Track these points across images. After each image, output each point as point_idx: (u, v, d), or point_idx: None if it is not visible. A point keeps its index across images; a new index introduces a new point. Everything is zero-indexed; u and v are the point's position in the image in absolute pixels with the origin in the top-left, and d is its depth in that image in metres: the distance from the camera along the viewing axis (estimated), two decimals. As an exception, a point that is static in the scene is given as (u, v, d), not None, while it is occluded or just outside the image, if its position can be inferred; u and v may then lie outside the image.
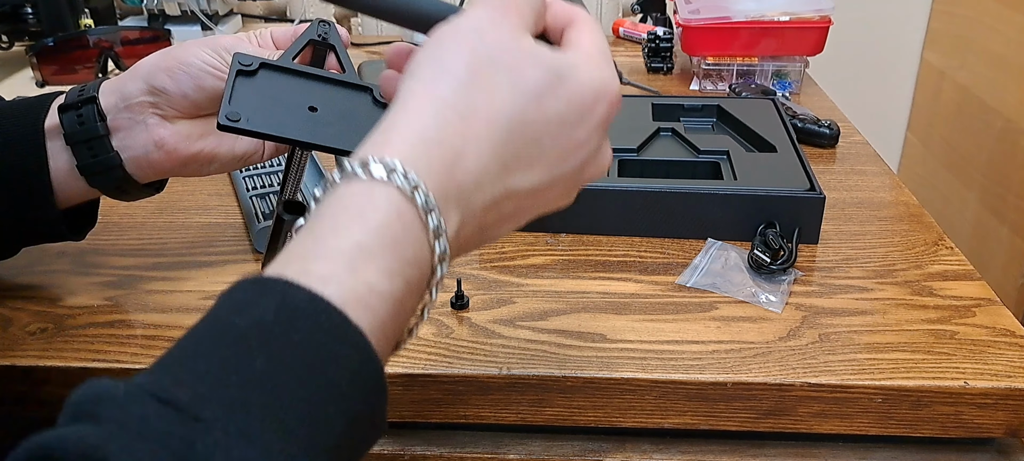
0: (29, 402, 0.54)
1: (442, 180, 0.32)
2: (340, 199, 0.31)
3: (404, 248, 0.31)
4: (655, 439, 0.55)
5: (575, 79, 0.36)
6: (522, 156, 0.35)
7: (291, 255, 0.30)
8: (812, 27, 1.01)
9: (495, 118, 0.34)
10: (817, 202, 0.66)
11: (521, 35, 0.35)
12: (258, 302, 0.28)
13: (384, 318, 0.30)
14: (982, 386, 0.51)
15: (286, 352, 0.27)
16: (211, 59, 0.53)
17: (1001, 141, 1.47)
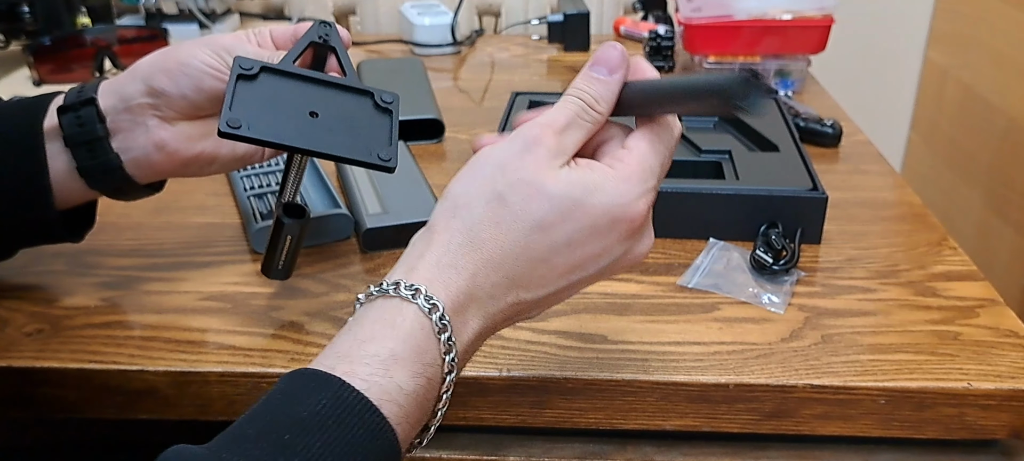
0: (25, 403, 0.53)
1: (457, 297, 0.39)
2: (379, 310, 0.39)
3: (424, 354, 0.38)
4: (657, 441, 0.54)
5: (589, 205, 0.40)
6: (530, 275, 0.40)
7: (339, 354, 0.37)
8: (814, 26, 1.01)
9: (502, 247, 0.39)
10: (820, 202, 0.66)
11: (543, 168, 0.40)
12: (317, 394, 0.35)
13: (409, 410, 0.37)
14: (986, 387, 0.50)
15: (338, 440, 0.34)
16: (211, 60, 0.52)
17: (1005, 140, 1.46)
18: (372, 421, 0.35)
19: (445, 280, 0.39)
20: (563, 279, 0.41)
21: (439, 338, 0.38)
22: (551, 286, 0.41)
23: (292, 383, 0.36)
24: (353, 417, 0.34)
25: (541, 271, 0.40)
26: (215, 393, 0.52)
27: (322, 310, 0.57)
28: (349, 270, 0.62)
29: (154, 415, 0.53)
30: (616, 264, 0.42)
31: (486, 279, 0.40)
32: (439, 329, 0.38)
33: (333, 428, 0.34)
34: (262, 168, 0.75)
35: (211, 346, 0.53)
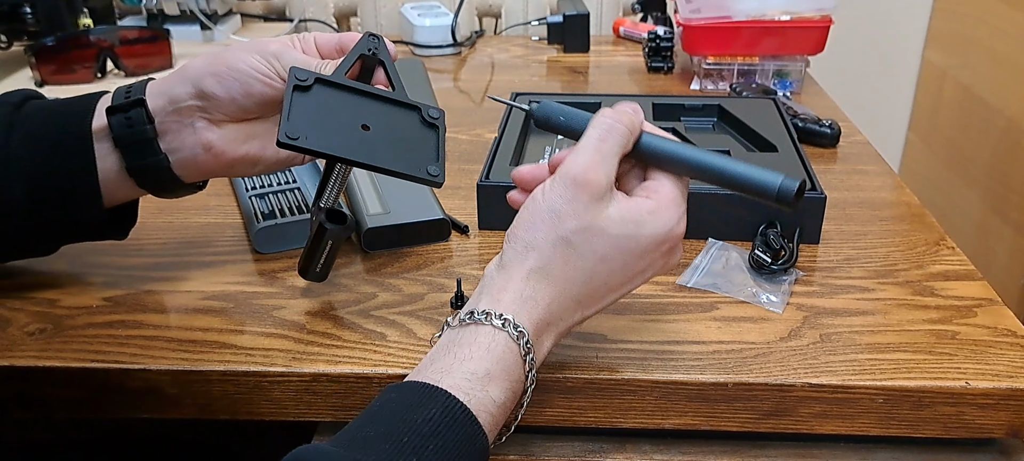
0: (28, 403, 0.53)
1: (537, 324, 0.46)
2: (474, 334, 0.45)
3: (512, 371, 0.45)
4: (656, 440, 0.55)
5: (639, 235, 0.47)
6: (593, 295, 0.48)
7: (442, 370, 0.44)
8: (813, 26, 1.01)
9: (571, 280, 0.46)
10: (818, 202, 0.66)
11: (595, 211, 0.46)
12: (428, 404, 0.42)
13: (498, 419, 0.45)
14: (984, 386, 0.50)
15: (447, 445, 0.41)
16: (260, 65, 0.53)
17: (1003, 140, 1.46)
18: (473, 430, 0.42)
19: (528, 311, 0.46)
20: (616, 292, 0.48)
21: (525, 359, 0.45)
22: (606, 300, 0.49)
23: (405, 393, 0.43)
24: (459, 426, 0.41)
25: (602, 292, 0.48)
26: (217, 392, 0.52)
27: (323, 310, 0.58)
28: (350, 270, 0.63)
29: (156, 414, 0.54)
30: (656, 272, 0.49)
31: (559, 306, 0.47)
32: (525, 352, 0.45)
33: (443, 434, 0.41)
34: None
35: (213, 345, 0.54)
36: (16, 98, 0.55)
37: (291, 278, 0.61)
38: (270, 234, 0.65)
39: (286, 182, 0.73)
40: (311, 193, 0.71)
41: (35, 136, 0.53)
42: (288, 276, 0.62)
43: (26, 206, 0.53)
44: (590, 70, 1.17)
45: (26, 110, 0.55)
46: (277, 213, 0.67)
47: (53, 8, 1.06)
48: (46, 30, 1.05)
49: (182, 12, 1.21)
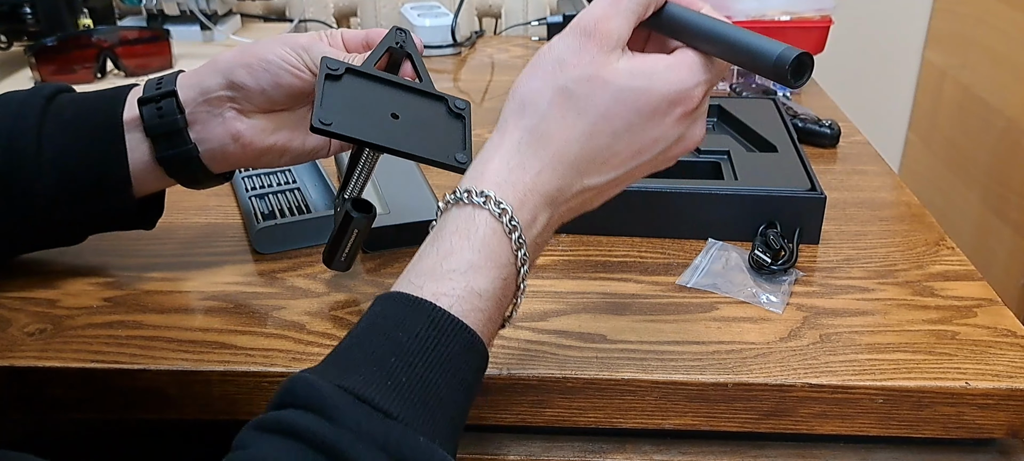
0: (28, 403, 0.53)
1: (525, 196, 0.42)
2: (455, 220, 0.42)
3: (499, 256, 0.41)
4: (656, 440, 0.55)
5: (647, 91, 0.42)
6: (594, 159, 0.43)
7: (423, 272, 0.41)
8: (813, 27, 1.01)
9: (568, 138, 0.42)
10: (818, 202, 0.66)
11: (602, 60, 0.42)
12: (414, 319, 0.39)
13: (491, 313, 0.41)
14: (983, 387, 0.50)
15: (437, 360, 0.38)
16: (290, 57, 0.54)
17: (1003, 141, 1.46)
18: (465, 337, 0.39)
19: (513, 181, 0.42)
20: (624, 165, 0.44)
21: (510, 238, 0.41)
22: (613, 172, 0.44)
23: (388, 308, 0.40)
24: (448, 337, 0.39)
25: (605, 157, 0.43)
26: (217, 393, 0.52)
27: (323, 310, 0.58)
28: (350, 269, 0.63)
29: (156, 415, 0.54)
30: (671, 149, 0.45)
31: (553, 173, 0.42)
32: (509, 230, 0.41)
33: (432, 350, 0.38)
34: (263, 169, 0.75)
35: (213, 346, 0.54)
36: (47, 91, 0.56)
37: (291, 278, 0.61)
38: (270, 234, 0.65)
39: (286, 182, 0.73)
40: (311, 193, 0.71)
41: (66, 126, 0.54)
42: (288, 276, 0.62)
43: (57, 195, 0.54)
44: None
45: (58, 102, 0.56)
46: (277, 213, 0.67)
47: (53, 8, 1.06)
48: (46, 30, 1.05)
49: (182, 12, 1.21)
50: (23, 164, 0.53)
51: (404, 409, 0.36)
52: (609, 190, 0.45)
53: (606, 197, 0.46)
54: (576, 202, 0.44)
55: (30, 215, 0.55)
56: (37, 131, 0.54)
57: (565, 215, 0.45)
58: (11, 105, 0.55)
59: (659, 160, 0.45)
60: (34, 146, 0.53)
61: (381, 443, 0.35)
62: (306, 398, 0.36)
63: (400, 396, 0.37)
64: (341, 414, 0.35)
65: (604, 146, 0.43)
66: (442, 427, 0.38)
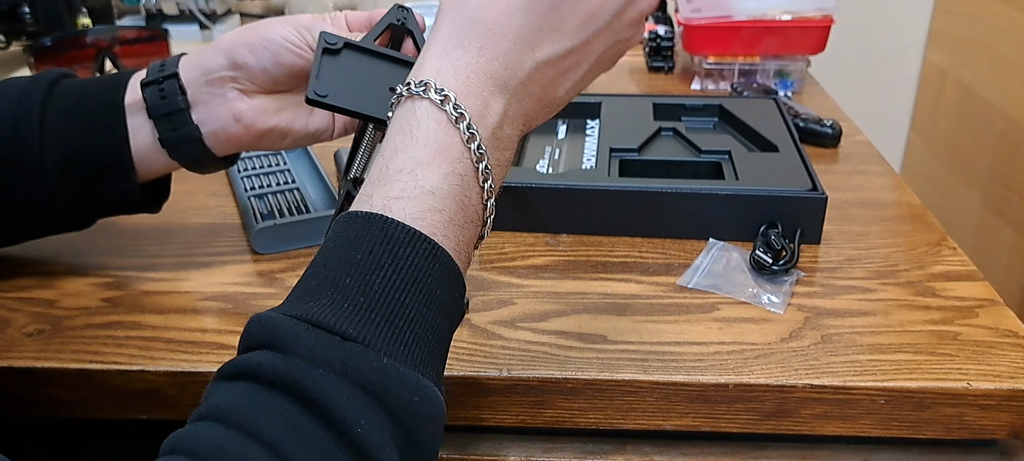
0: (26, 404, 0.53)
1: (469, 78, 0.39)
2: (399, 119, 0.39)
3: (448, 149, 0.38)
4: (656, 441, 0.55)
5: None
6: (542, 28, 0.40)
7: (373, 180, 0.38)
8: (814, 26, 1.01)
9: (505, 6, 0.39)
10: (819, 202, 0.66)
11: None
12: (366, 234, 0.36)
13: (451, 213, 0.38)
14: (985, 387, 0.50)
15: (396, 274, 0.36)
16: (292, 36, 0.54)
17: (1004, 141, 1.46)
18: (424, 248, 0.36)
19: (453, 63, 0.39)
20: (579, 32, 0.41)
21: (458, 128, 0.38)
22: (568, 40, 0.41)
23: (341, 228, 0.38)
24: (404, 247, 0.36)
25: (553, 23, 0.40)
26: (216, 393, 0.52)
27: (322, 310, 0.57)
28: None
29: (155, 415, 0.53)
30: (625, 10, 0.42)
31: (495, 47, 0.39)
32: (455, 118, 0.38)
33: (389, 263, 0.36)
34: (262, 168, 0.75)
35: (212, 346, 0.54)
36: (50, 77, 0.56)
37: (290, 278, 0.61)
38: (269, 235, 0.64)
39: (286, 182, 0.72)
40: (310, 193, 0.71)
41: (69, 111, 0.54)
42: (287, 277, 0.61)
43: (63, 181, 0.55)
44: (590, 70, 1.16)
45: (60, 87, 0.56)
46: (276, 213, 0.67)
47: (52, 8, 1.06)
48: (45, 30, 1.05)
49: (181, 12, 1.21)
50: (28, 151, 0.54)
51: (363, 329, 0.34)
52: (570, 70, 0.42)
53: (571, 80, 0.43)
54: (536, 86, 0.41)
55: (38, 201, 0.55)
56: (40, 118, 0.54)
57: (528, 105, 0.41)
58: (13, 91, 0.55)
59: (618, 27, 0.42)
60: (38, 133, 0.54)
61: (339, 368, 0.33)
62: (260, 336, 0.35)
63: (359, 316, 0.34)
64: (293, 344, 0.33)
65: (548, 7, 0.40)
66: (413, 347, 0.35)
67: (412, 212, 0.37)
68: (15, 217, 0.56)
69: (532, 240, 0.67)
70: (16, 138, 0.53)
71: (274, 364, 0.33)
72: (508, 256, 0.64)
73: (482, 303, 0.58)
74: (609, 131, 0.78)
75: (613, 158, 0.73)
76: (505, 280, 0.61)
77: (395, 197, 0.37)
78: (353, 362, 0.33)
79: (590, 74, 0.44)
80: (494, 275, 0.62)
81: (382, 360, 0.34)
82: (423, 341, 0.36)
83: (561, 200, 0.67)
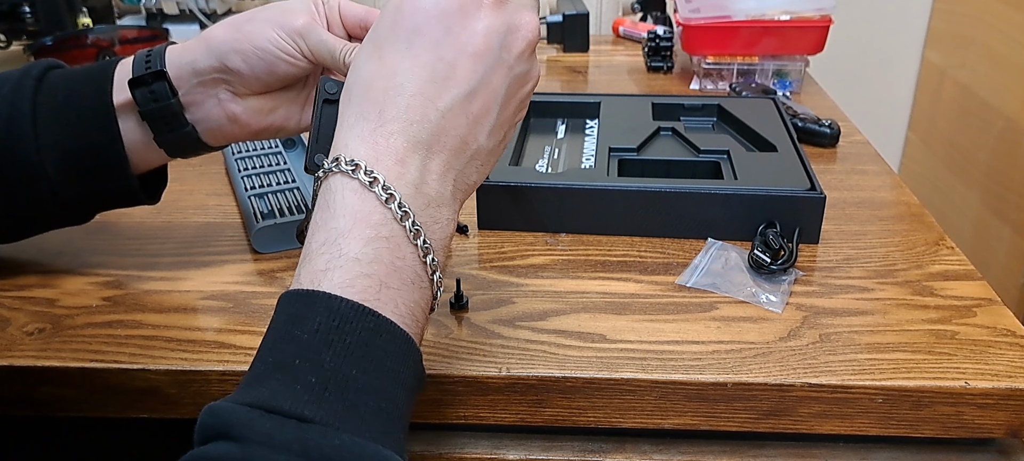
0: (27, 403, 0.53)
1: (376, 143, 0.39)
2: (317, 201, 0.40)
3: (366, 215, 0.38)
4: (655, 440, 0.55)
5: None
6: (435, 78, 0.40)
7: (302, 259, 0.39)
8: (813, 26, 1.01)
9: (393, 69, 0.40)
10: (818, 202, 0.66)
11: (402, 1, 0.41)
12: (306, 313, 0.36)
13: (382, 276, 0.37)
14: (983, 386, 0.50)
15: (343, 349, 0.35)
16: (285, 45, 0.53)
17: (1002, 140, 1.46)
18: (367, 319, 0.36)
19: (358, 134, 0.40)
20: (473, 76, 0.41)
21: (374, 191, 0.38)
22: (466, 85, 0.41)
23: (282, 310, 0.38)
24: (348, 322, 0.36)
25: (444, 72, 0.40)
26: (216, 392, 0.52)
27: (322, 309, 0.58)
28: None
29: (155, 414, 0.54)
30: (512, 43, 0.42)
31: (395, 108, 0.40)
32: (370, 182, 0.38)
33: (336, 340, 0.35)
34: (262, 168, 0.75)
35: (212, 345, 0.54)
36: (36, 71, 0.55)
37: (290, 278, 0.61)
38: (269, 234, 0.65)
39: (286, 182, 0.73)
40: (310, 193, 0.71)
41: (59, 110, 0.54)
42: (287, 276, 0.62)
43: (59, 179, 0.54)
44: (590, 70, 1.17)
45: (48, 81, 0.55)
46: (276, 213, 0.67)
47: (52, 7, 1.06)
48: (45, 29, 1.05)
49: (181, 11, 1.21)
50: (26, 149, 0.53)
51: (319, 410, 0.34)
52: (482, 115, 0.42)
53: (488, 125, 0.42)
54: (450, 137, 0.41)
55: (39, 198, 0.55)
56: (32, 116, 0.53)
57: (450, 158, 0.41)
58: (5, 88, 0.54)
59: (510, 61, 0.42)
60: (32, 131, 0.53)
61: (300, 450, 0.32)
62: (214, 427, 0.34)
63: (313, 397, 0.34)
64: (249, 431, 0.32)
65: (433, 59, 0.40)
66: (370, 420, 0.35)
67: (340, 281, 0.37)
68: (18, 214, 0.56)
69: (531, 239, 0.67)
70: (11, 137, 0.53)
71: (231, 454, 0.32)
72: (507, 255, 0.64)
73: (481, 302, 0.58)
74: (608, 131, 0.78)
75: (612, 158, 0.74)
76: (504, 279, 0.61)
77: (321, 270, 0.37)
78: (313, 442, 0.32)
79: (505, 116, 0.44)
80: (493, 274, 0.62)
81: (342, 437, 0.33)
82: (379, 412, 0.35)
83: (560, 199, 0.67)
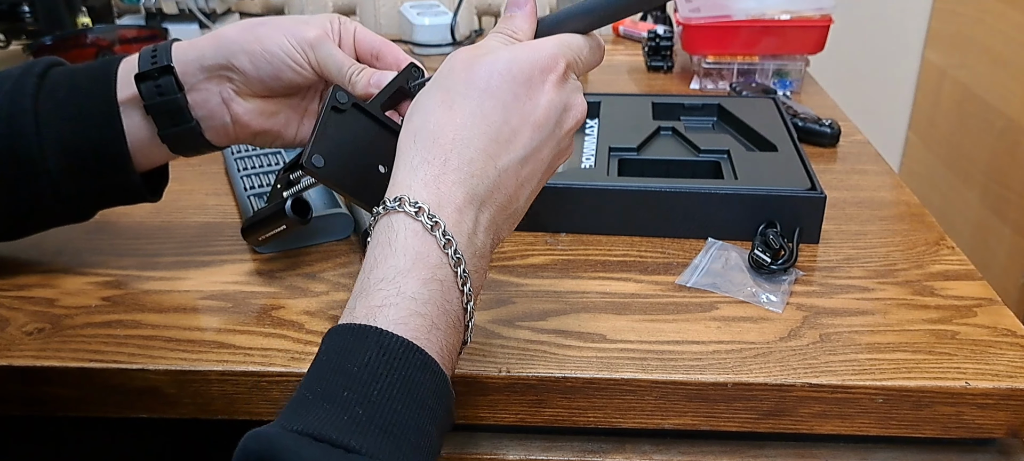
0: (26, 403, 0.53)
1: (439, 189, 0.41)
2: (376, 236, 0.41)
3: (427, 257, 0.40)
4: (655, 440, 0.55)
5: (515, 60, 0.44)
6: (498, 139, 0.43)
7: (356, 293, 0.40)
8: (813, 26, 1.01)
9: (461, 123, 0.43)
10: (818, 201, 0.66)
11: (471, 62, 0.44)
12: (359, 347, 0.37)
13: (433, 318, 0.39)
14: (983, 386, 0.50)
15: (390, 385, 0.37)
16: (295, 53, 0.54)
17: (1002, 140, 1.46)
18: (417, 358, 0.38)
19: (422, 178, 0.41)
20: (530, 141, 0.44)
21: (434, 235, 0.40)
22: (522, 150, 0.44)
23: (332, 342, 0.39)
24: (398, 359, 0.37)
25: (506, 135, 0.43)
26: (215, 392, 0.52)
27: (322, 309, 0.58)
28: (349, 270, 0.63)
29: (155, 414, 0.53)
30: (564, 120, 0.46)
31: (459, 159, 0.42)
32: (432, 226, 0.40)
33: (385, 375, 0.37)
34: (262, 168, 0.75)
35: (211, 345, 0.54)
36: (38, 69, 0.55)
37: (289, 277, 0.61)
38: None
39: (285, 181, 0.72)
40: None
41: (61, 107, 0.54)
42: (287, 276, 0.62)
43: (61, 175, 0.54)
44: (589, 69, 1.16)
45: (50, 78, 0.55)
46: (276, 212, 0.67)
47: (52, 7, 1.06)
48: (45, 29, 1.05)
49: (181, 11, 1.21)
50: (28, 147, 0.53)
51: (365, 441, 0.35)
52: (528, 179, 0.45)
53: (529, 189, 0.46)
54: (500, 195, 0.44)
55: (41, 195, 0.55)
56: (34, 113, 0.53)
57: (495, 214, 0.44)
58: (6, 85, 0.54)
59: (560, 136, 0.46)
60: (34, 128, 0.53)
61: None
62: (259, 452, 0.34)
63: (359, 429, 0.35)
64: (297, 458, 0.33)
65: (500, 121, 0.43)
66: (410, 456, 0.36)
67: (395, 318, 0.38)
68: (19, 211, 0.56)
69: (531, 239, 0.67)
70: (13, 134, 0.53)
71: None
72: (507, 255, 0.64)
73: (481, 302, 0.58)
74: (608, 130, 0.78)
75: (612, 157, 0.73)
76: (504, 279, 0.61)
77: (378, 305, 0.39)
78: None
79: (540, 183, 0.47)
80: (493, 274, 0.62)
81: None
82: (418, 449, 0.37)
83: (560, 199, 0.67)
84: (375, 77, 0.54)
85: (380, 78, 0.54)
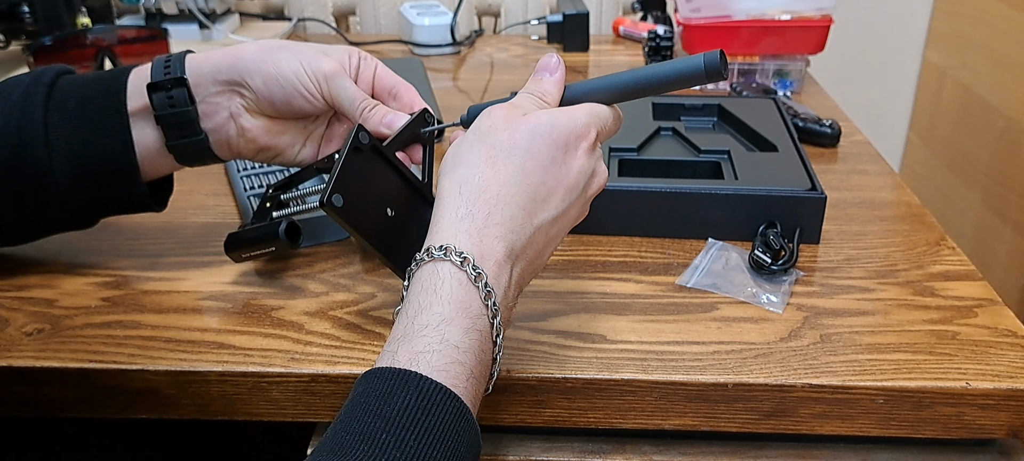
0: (26, 403, 0.53)
1: (483, 241, 0.43)
2: (420, 281, 0.43)
3: (469, 306, 0.42)
4: (655, 440, 0.55)
5: (555, 126, 0.47)
6: (537, 198, 0.45)
7: (398, 337, 0.41)
8: (813, 26, 1.01)
9: (504, 180, 0.45)
10: (818, 202, 0.66)
11: (512, 117, 0.47)
12: (398, 391, 0.38)
13: (471, 367, 0.41)
14: (984, 387, 0.50)
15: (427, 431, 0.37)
16: (309, 83, 0.55)
17: (1003, 140, 1.46)
18: (453, 406, 0.39)
19: (466, 229, 0.43)
20: (563, 201, 0.47)
21: (477, 286, 0.42)
22: (555, 209, 0.46)
23: (371, 384, 0.40)
24: (436, 406, 0.38)
25: (544, 195, 0.46)
26: (215, 393, 0.52)
27: (322, 310, 0.57)
28: (349, 270, 0.63)
29: (154, 414, 0.53)
30: (590, 185, 0.49)
31: (502, 214, 0.44)
32: (474, 277, 0.42)
33: (422, 420, 0.38)
34: (262, 168, 0.75)
35: (211, 346, 0.54)
36: (47, 78, 0.55)
37: (289, 278, 0.61)
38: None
39: (285, 182, 0.72)
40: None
41: (71, 117, 0.54)
42: (286, 276, 0.62)
43: (69, 185, 0.55)
44: (590, 69, 1.17)
45: (59, 88, 0.55)
46: (276, 213, 0.67)
47: (51, 7, 1.06)
48: (44, 29, 1.05)
49: (180, 11, 1.21)
50: (36, 156, 0.54)
51: None
52: (555, 236, 0.48)
53: (554, 246, 0.48)
54: (532, 251, 0.46)
55: (48, 204, 0.55)
56: (44, 123, 0.54)
57: (525, 268, 0.46)
58: (15, 94, 0.55)
59: (584, 199, 0.49)
60: (43, 137, 0.54)
61: None
62: None
63: None
64: None
65: (538, 181, 0.45)
66: None
67: (437, 364, 0.39)
68: (26, 219, 0.56)
69: (531, 240, 0.67)
70: (22, 143, 0.53)
71: None
72: (507, 256, 0.64)
73: (481, 303, 0.58)
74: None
75: (612, 158, 0.73)
76: (504, 280, 0.61)
77: (421, 351, 0.40)
78: None
79: (559, 242, 0.49)
80: (493, 275, 0.62)
81: None
82: None
83: (560, 200, 0.67)
84: (387, 117, 0.55)
85: (392, 119, 0.55)
